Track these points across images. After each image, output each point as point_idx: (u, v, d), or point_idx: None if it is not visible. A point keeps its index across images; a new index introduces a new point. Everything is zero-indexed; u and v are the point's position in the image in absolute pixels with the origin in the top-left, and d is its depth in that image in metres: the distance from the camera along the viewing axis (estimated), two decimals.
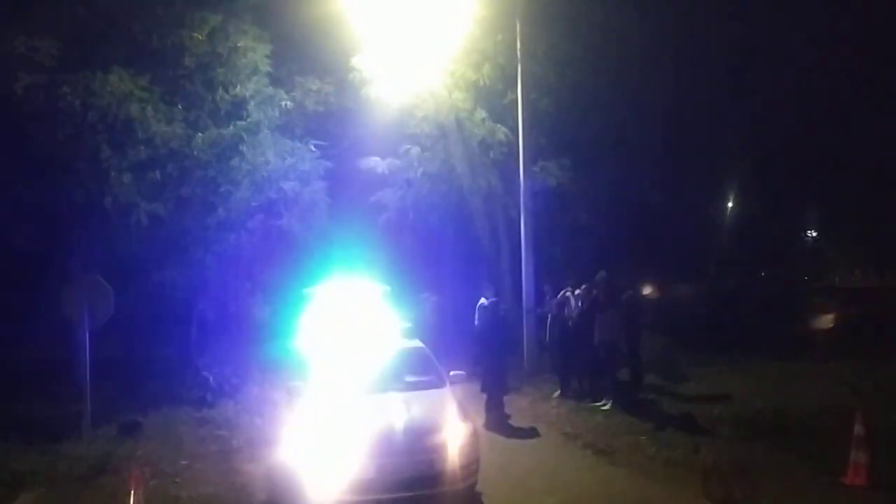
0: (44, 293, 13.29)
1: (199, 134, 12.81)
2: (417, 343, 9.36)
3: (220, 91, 13.24)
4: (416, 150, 16.17)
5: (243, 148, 12.98)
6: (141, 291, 13.91)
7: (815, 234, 31.60)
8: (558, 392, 12.82)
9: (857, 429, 7.82)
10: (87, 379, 9.76)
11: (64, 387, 12.15)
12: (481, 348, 12.22)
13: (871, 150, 20.29)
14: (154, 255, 13.37)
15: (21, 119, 12.14)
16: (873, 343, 14.91)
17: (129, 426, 10.75)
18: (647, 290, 17.99)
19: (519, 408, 11.92)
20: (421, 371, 8.71)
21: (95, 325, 10.12)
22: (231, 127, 13.05)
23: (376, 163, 16.12)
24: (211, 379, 12.72)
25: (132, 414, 11.34)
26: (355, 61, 14.97)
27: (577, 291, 13.13)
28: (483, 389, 12.62)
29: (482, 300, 13.50)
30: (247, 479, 8.45)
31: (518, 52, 15.08)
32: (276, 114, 13.72)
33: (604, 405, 11.80)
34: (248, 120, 13.19)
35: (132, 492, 6.17)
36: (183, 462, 9.17)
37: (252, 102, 13.42)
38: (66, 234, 14.83)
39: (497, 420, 11.06)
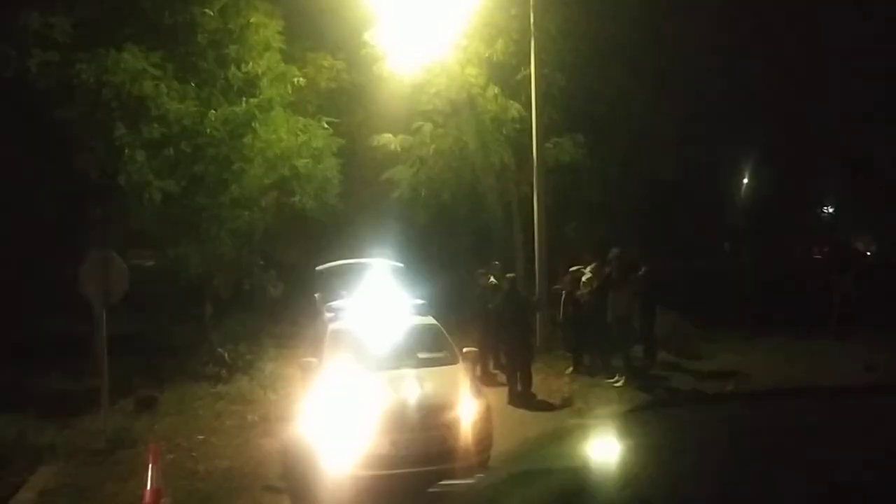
0: (61, 269, 13.42)
1: (212, 111, 12.76)
2: (430, 320, 9.37)
3: (233, 68, 13.17)
4: (428, 127, 16.04)
5: (256, 125, 12.93)
6: (156, 268, 14.01)
7: (831, 210, 31.33)
8: (571, 369, 12.85)
9: None
10: (104, 354, 9.86)
11: (81, 362, 12.32)
12: (501, 326, 12.19)
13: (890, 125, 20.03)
14: (168, 232, 13.43)
15: (36, 96, 12.15)
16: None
17: (145, 401, 10.90)
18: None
19: (532, 384, 11.95)
20: (434, 347, 8.74)
21: (111, 301, 10.20)
22: (243, 104, 13.01)
23: (388, 139, 16.01)
24: (226, 355, 12.85)
25: (149, 389, 11.49)
26: (367, 37, 14.84)
27: (576, 268, 13.18)
28: (496, 367, 12.69)
29: (491, 279, 13.46)
30: (262, 454, 8.56)
31: (532, 27, 14.90)
32: (289, 90, 13.63)
33: (616, 382, 11.83)
34: (261, 97, 13.12)
35: (150, 466, 6.25)
36: (199, 437, 9.30)
37: (264, 79, 13.34)
38: (84, 210, 14.93)
39: (513, 395, 11.13)
